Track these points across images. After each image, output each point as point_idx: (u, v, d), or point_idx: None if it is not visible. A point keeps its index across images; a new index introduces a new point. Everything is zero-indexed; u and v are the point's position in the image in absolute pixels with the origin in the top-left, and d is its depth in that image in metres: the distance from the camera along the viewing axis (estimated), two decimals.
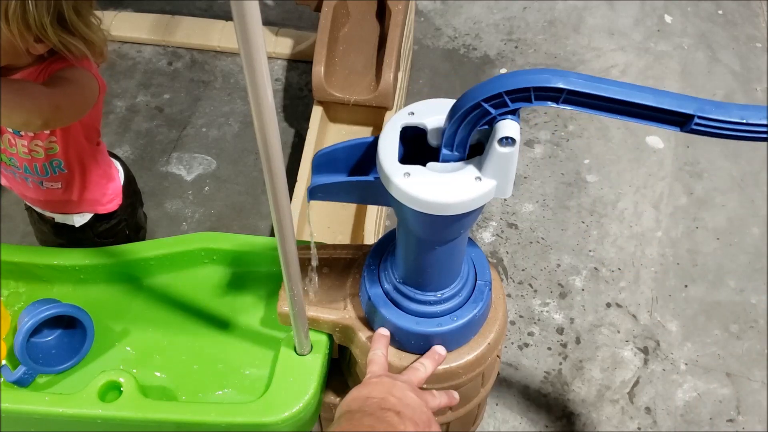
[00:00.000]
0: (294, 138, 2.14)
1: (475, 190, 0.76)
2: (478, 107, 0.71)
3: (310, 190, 0.85)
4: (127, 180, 1.39)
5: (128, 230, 1.42)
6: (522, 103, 0.71)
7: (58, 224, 1.35)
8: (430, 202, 0.75)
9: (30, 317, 1.02)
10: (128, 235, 1.43)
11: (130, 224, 1.43)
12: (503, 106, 0.71)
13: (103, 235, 1.38)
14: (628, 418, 1.69)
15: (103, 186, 1.32)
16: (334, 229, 1.79)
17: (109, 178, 1.34)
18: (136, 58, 2.32)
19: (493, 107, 0.71)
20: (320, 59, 1.80)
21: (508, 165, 0.75)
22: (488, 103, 0.71)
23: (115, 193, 1.35)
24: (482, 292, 0.99)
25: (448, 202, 0.76)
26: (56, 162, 1.20)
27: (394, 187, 0.76)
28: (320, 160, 0.85)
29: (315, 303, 1.02)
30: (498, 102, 0.71)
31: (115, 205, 1.35)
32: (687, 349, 1.78)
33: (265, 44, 0.58)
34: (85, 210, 1.33)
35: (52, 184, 1.24)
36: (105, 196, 1.33)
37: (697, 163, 2.12)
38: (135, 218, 1.45)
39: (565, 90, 0.69)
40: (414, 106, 0.81)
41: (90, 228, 1.35)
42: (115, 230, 1.39)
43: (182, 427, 0.99)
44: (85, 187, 1.28)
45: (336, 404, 1.18)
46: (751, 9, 2.52)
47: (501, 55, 2.36)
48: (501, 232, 1.97)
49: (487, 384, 1.13)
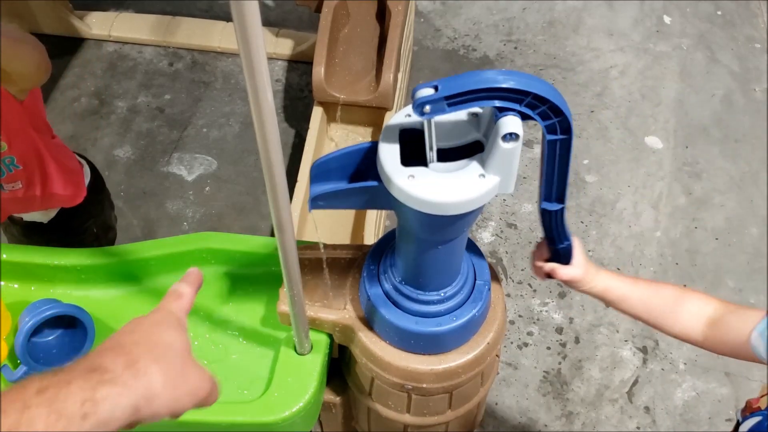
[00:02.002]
0: (294, 138, 2.15)
1: (480, 187, 0.76)
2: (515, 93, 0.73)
3: (311, 200, 0.85)
4: (94, 177, 1.37)
5: (96, 228, 1.41)
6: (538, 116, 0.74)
7: (27, 224, 1.34)
8: (437, 203, 0.76)
9: (31, 317, 1.02)
10: (96, 233, 1.42)
11: (99, 222, 1.42)
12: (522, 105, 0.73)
13: (72, 232, 1.37)
14: (627, 418, 1.69)
15: (65, 179, 1.28)
16: (334, 229, 1.80)
17: (71, 171, 1.31)
18: (137, 58, 2.32)
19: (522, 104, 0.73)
20: (320, 60, 1.80)
21: (511, 160, 0.75)
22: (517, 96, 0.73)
23: (78, 186, 1.33)
24: (481, 291, 0.99)
25: (454, 201, 0.76)
26: (8, 159, 1.17)
27: (399, 191, 0.77)
28: (318, 169, 0.85)
29: (315, 303, 1.03)
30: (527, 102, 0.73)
31: (80, 198, 1.33)
32: (686, 348, 1.79)
33: (265, 45, 0.58)
34: (50, 206, 1.31)
35: (12, 186, 1.21)
36: (68, 189, 1.30)
37: (696, 163, 2.12)
38: (103, 217, 1.44)
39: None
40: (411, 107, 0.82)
41: (58, 226, 1.34)
42: (83, 227, 1.37)
43: (183, 426, 0.99)
44: (47, 181, 1.25)
45: (336, 404, 1.18)
46: (750, 10, 2.52)
47: (500, 55, 2.36)
48: (500, 232, 1.98)
49: (486, 383, 1.14)
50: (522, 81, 0.72)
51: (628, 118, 2.22)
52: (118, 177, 2.05)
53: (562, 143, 0.77)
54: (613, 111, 2.23)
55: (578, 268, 0.95)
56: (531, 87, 0.71)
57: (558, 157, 0.78)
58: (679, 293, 0.94)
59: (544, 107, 0.73)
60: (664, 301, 0.93)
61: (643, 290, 0.95)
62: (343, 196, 0.85)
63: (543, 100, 0.72)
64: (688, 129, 2.20)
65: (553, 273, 0.96)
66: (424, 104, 0.73)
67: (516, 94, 0.72)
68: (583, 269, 0.95)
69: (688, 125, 2.21)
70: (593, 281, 0.95)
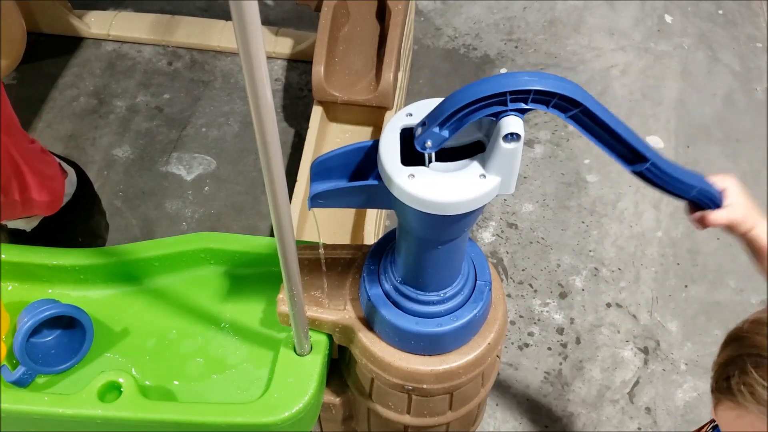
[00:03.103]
0: (294, 138, 2.14)
1: (481, 188, 0.76)
2: (500, 96, 0.71)
3: (310, 198, 0.85)
4: (82, 184, 1.33)
5: (82, 237, 1.36)
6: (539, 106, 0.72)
7: (11, 231, 1.31)
8: (436, 203, 0.75)
9: (29, 317, 1.02)
10: (81, 243, 1.37)
11: (86, 231, 1.37)
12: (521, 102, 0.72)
13: (55, 241, 1.32)
14: (628, 419, 1.69)
15: (40, 185, 1.25)
16: (334, 229, 1.79)
17: (49, 178, 1.27)
18: (136, 58, 2.32)
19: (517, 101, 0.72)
20: (320, 59, 1.80)
21: (512, 161, 0.75)
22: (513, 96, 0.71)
23: (54, 194, 1.29)
24: (482, 292, 0.99)
25: (454, 201, 0.76)
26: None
27: (399, 190, 0.76)
28: (319, 167, 0.85)
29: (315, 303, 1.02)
30: (521, 98, 0.71)
31: (57, 206, 1.30)
32: (687, 349, 1.78)
33: (264, 44, 0.58)
34: (32, 212, 1.27)
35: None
36: (43, 196, 1.26)
37: (698, 162, 2.11)
38: (91, 225, 1.40)
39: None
40: (412, 107, 0.81)
41: (42, 234, 1.31)
42: (67, 236, 1.32)
43: (182, 427, 0.98)
44: (25, 187, 1.22)
45: (336, 404, 1.18)
46: (752, 9, 2.51)
47: (501, 55, 2.36)
48: (501, 232, 1.97)
49: (487, 384, 1.13)
50: (496, 85, 0.71)
51: (629, 117, 2.21)
52: (117, 177, 2.04)
53: (585, 113, 0.74)
54: (614, 110, 2.20)
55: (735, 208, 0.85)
56: (505, 86, 0.71)
57: (595, 125, 0.75)
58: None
59: (531, 96, 0.72)
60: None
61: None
62: (343, 195, 0.85)
63: (525, 92, 0.71)
64: (690, 128, 2.19)
65: (705, 221, 0.86)
66: (423, 142, 0.74)
67: (497, 97, 0.71)
68: (741, 210, 0.85)
69: (690, 125, 2.20)
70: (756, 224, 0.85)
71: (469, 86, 0.72)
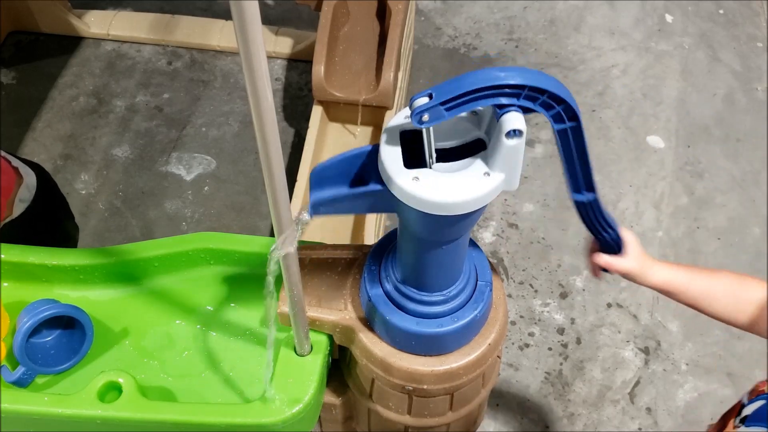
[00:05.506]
0: (294, 138, 2.14)
1: (486, 186, 0.76)
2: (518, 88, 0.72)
3: (312, 206, 0.84)
4: (43, 189, 1.30)
5: (48, 241, 1.30)
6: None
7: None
8: (444, 204, 0.75)
9: (29, 317, 1.01)
10: (50, 246, 1.35)
11: (51, 234, 1.33)
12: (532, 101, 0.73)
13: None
14: (629, 419, 1.68)
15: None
16: (334, 229, 1.79)
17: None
18: (136, 57, 2.32)
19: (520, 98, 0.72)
20: (320, 59, 1.80)
21: (516, 157, 0.75)
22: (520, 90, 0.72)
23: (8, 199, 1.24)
24: (483, 292, 0.98)
25: (461, 201, 0.75)
26: None
27: (405, 194, 0.76)
28: (318, 176, 0.84)
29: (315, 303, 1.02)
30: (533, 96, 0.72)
31: (12, 211, 1.25)
32: (688, 349, 1.78)
33: (264, 44, 0.58)
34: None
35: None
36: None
37: (698, 162, 2.11)
38: (56, 228, 1.36)
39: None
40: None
41: (5, 239, 1.27)
42: (31, 242, 1.23)
43: (182, 427, 0.98)
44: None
45: (336, 405, 1.18)
46: (752, 8, 2.51)
47: (501, 54, 2.36)
48: (501, 232, 1.97)
49: (487, 384, 1.13)
50: (515, 75, 0.71)
51: (629, 117, 2.21)
52: (117, 176, 2.04)
53: (573, 131, 0.76)
54: (615, 110, 2.22)
55: (633, 260, 0.92)
56: (526, 80, 0.71)
57: (574, 146, 0.77)
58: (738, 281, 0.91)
59: (543, 97, 0.72)
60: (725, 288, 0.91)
61: (703, 280, 0.92)
62: (344, 202, 0.84)
63: (541, 91, 0.71)
64: (690, 128, 2.19)
65: (608, 266, 0.92)
66: (421, 113, 0.72)
67: (512, 89, 0.71)
68: (639, 261, 0.92)
69: (690, 124, 2.20)
70: (652, 274, 0.92)
71: (489, 70, 0.72)
